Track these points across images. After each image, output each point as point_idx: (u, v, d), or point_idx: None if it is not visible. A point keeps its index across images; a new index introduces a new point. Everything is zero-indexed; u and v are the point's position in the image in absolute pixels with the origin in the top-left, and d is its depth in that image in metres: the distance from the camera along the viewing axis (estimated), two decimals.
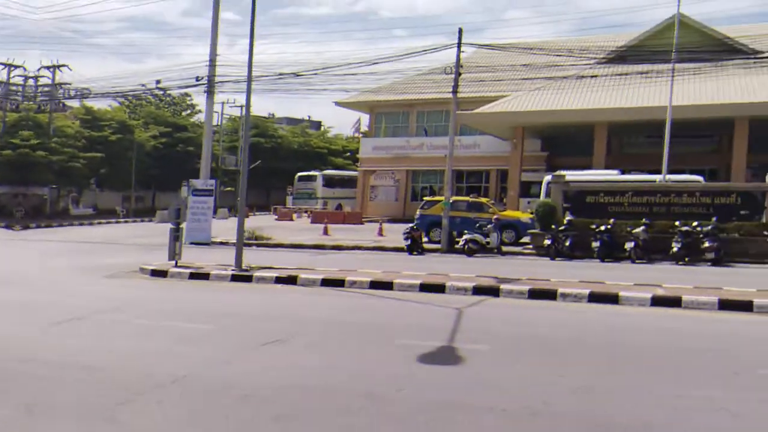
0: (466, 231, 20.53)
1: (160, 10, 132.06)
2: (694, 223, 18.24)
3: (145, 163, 45.68)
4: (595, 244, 18.38)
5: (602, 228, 18.58)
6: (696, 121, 28.23)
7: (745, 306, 10.50)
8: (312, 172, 48.45)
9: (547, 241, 19.01)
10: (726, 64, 27.23)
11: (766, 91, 26.44)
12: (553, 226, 19.66)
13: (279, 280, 13.90)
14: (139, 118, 50.89)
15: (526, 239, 22.02)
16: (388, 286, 12.92)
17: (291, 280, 13.77)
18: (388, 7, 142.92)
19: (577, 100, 29.37)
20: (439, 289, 12.52)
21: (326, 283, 13.43)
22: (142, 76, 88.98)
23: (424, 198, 27.78)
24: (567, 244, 18.88)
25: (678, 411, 5.62)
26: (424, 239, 22.06)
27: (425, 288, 12.65)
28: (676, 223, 18.50)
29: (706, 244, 17.39)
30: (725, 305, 10.59)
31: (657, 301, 11.00)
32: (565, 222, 19.51)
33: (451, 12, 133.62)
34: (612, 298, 11.28)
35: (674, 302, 10.90)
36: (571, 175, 23.34)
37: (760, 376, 6.65)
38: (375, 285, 13.03)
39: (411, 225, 21.43)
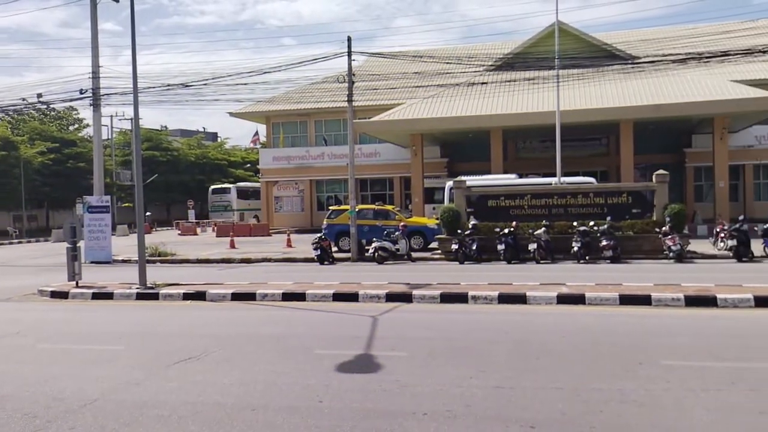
0: (374, 239, 20.62)
1: (35, 21, 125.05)
2: (591, 223, 19.19)
3: (34, 180, 43.30)
4: (500, 247, 18.92)
5: (506, 231, 19.15)
6: (584, 124, 29.76)
7: (644, 300, 11.10)
8: (225, 185, 48.45)
9: (454, 246, 19.38)
10: (606, 69, 28.83)
11: (645, 95, 28.25)
12: (458, 231, 20.08)
13: (187, 297, 13.39)
14: (23, 134, 47.84)
15: (434, 245, 22.36)
16: (300, 297, 12.73)
17: (199, 296, 13.29)
18: (274, 16, 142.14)
19: (471, 107, 30.24)
20: (353, 297, 12.46)
21: (237, 297, 13.06)
22: (22, 90, 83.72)
23: (330, 207, 27.69)
24: (473, 248, 19.32)
25: (590, 404, 5.82)
26: (334, 249, 21.94)
27: (338, 297, 12.55)
28: (574, 223, 19.39)
29: (604, 243, 18.30)
30: (626, 300, 11.16)
31: (562, 299, 11.44)
32: (469, 226, 19.97)
33: (339, 20, 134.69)
34: (520, 298, 11.63)
35: (578, 299, 11.37)
36: (471, 180, 23.96)
37: (663, 366, 7.00)
38: (287, 297, 12.81)
39: (319, 235, 21.27)
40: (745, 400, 5.82)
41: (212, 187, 48.37)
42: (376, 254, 19.96)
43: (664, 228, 18.74)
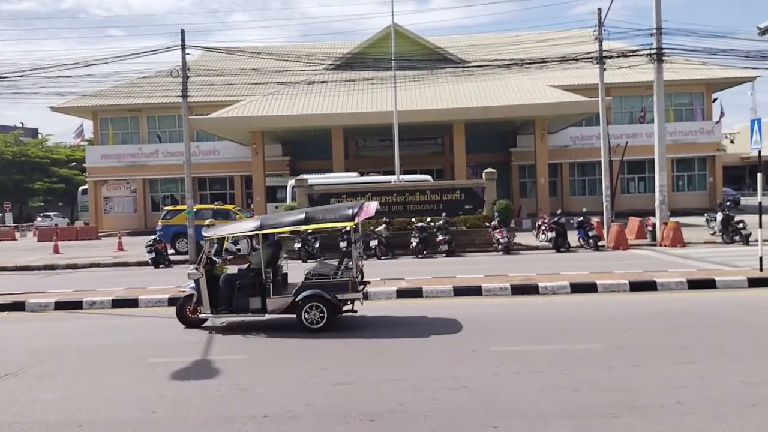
0: None
1: None
2: (428, 219, 20.01)
3: None
4: (343, 245, 19.07)
5: (347, 229, 19.35)
6: (420, 124, 30.96)
7: (476, 291, 11.76)
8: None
9: (296, 245, 19.31)
10: (439, 72, 30.20)
11: (475, 97, 29.95)
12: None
13: (3, 308, 12.13)
14: None
15: None
16: (133, 303, 12.04)
17: (17, 307, 12.13)
18: (100, 6, 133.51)
19: (312, 105, 30.34)
20: None
21: (61, 306, 12.05)
22: None
23: (166, 208, 26.40)
24: (316, 246, 19.37)
25: (426, 393, 6.06)
26: (170, 251, 20.97)
27: (174, 302, 11.96)
28: (413, 219, 20.10)
29: (440, 238, 19.15)
30: (459, 291, 11.77)
31: (402, 293, 11.82)
32: None
33: (172, 13, 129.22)
34: (363, 295, 11.79)
35: (417, 293, 11.81)
36: (313, 178, 24.02)
37: (493, 353, 7.47)
38: (118, 304, 12.06)
39: (154, 237, 20.22)
40: (562, 379, 6.35)
41: (81, 187, 44.28)
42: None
43: (493, 222, 19.98)
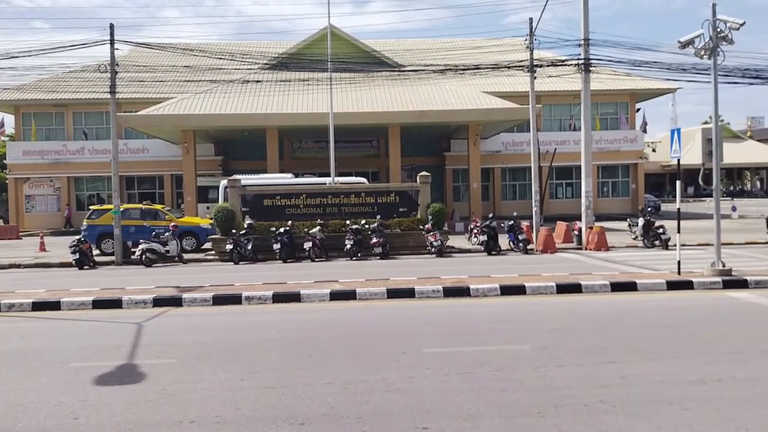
0: (142, 240, 19.42)
1: None
2: (363, 221, 20.06)
3: None
4: (276, 247, 18.94)
5: (281, 230, 19.23)
6: (356, 127, 31.01)
7: (409, 293, 11.86)
8: None
9: (228, 246, 18.98)
10: (375, 75, 30.35)
11: (411, 101, 30.24)
12: (233, 231, 19.73)
13: None
14: None
15: (207, 245, 21.70)
16: (55, 306, 11.55)
17: None
18: None
19: (246, 105, 29.94)
20: (116, 304, 11.62)
21: None
22: None
23: (91, 207, 25.47)
24: (249, 247, 19.11)
25: (358, 395, 6.07)
26: (96, 252, 20.26)
27: (100, 304, 11.62)
28: (347, 222, 20.09)
29: (374, 240, 19.21)
30: (392, 294, 11.83)
31: (335, 296, 11.78)
32: (245, 226, 19.72)
33: (101, 6, 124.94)
34: (295, 297, 11.75)
35: (350, 295, 11.80)
36: (247, 179, 23.69)
37: (424, 354, 7.54)
38: (39, 306, 11.55)
39: (78, 237, 19.49)
40: (491, 379, 6.48)
41: None
42: (144, 257, 18.82)
43: (427, 225, 20.19)
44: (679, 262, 13.11)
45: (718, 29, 12.88)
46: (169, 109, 29.72)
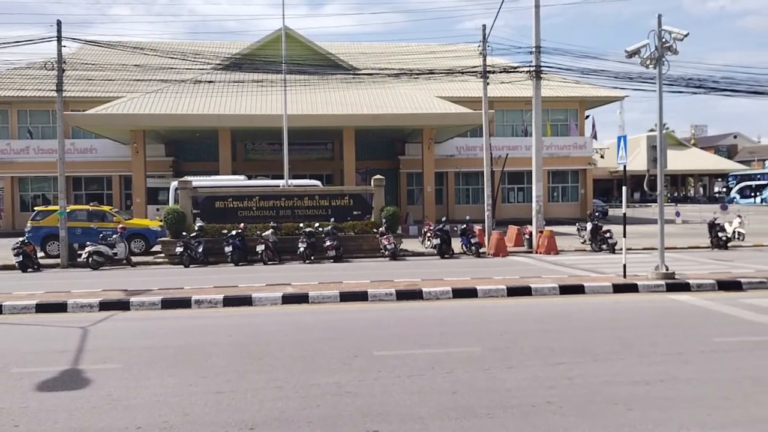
0: (89, 243, 18.93)
1: None
2: (316, 224, 19.98)
3: None
4: (228, 249, 18.69)
5: (233, 233, 18.99)
6: (311, 129, 30.90)
7: (362, 296, 11.86)
8: None
9: (179, 249, 18.65)
10: (330, 77, 30.30)
11: (366, 104, 30.27)
12: (184, 233, 19.41)
13: None
14: None
15: (157, 248, 21.28)
16: None
17: None
18: None
19: (198, 105, 29.50)
20: (60, 308, 11.30)
21: None
22: None
23: (36, 208, 24.69)
24: (200, 250, 18.82)
25: (308, 399, 6.03)
26: (40, 254, 19.65)
27: (43, 308, 11.28)
28: (301, 225, 19.99)
29: (328, 243, 19.14)
30: (345, 297, 11.82)
31: (287, 299, 11.70)
32: (196, 228, 19.42)
33: (48, 2, 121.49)
34: (246, 300, 11.62)
35: (303, 298, 11.74)
36: (198, 180, 23.35)
37: (376, 357, 7.55)
38: None
39: (22, 239, 18.87)
40: (442, 381, 6.53)
41: None
42: (90, 259, 18.35)
43: (381, 228, 20.24)
44: (624, 266, 13.46)
45: (663, 40, 13.29)
46: (118, 109, 29.06)
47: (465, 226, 20.74)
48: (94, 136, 33.69)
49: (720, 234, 21.01)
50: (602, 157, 56.53)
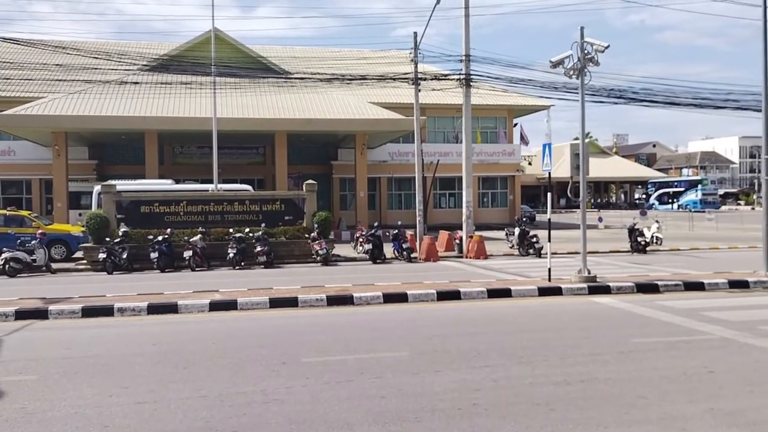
0: (5, 249, 18.04)
1: None
2: (247, 230, 19.68)
3: None
4: (154, 255, 18.19)
5: (160, 238, 18.50)
6: (242, 133, 30.45)
7: (292, 302, 11.76)
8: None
9: (102, 255, 18.01)
10: (261, 81, 29.96)
11: (298, 109, 30.08)
12: (107, 239, 18.78)
13: None
14: None
15: (79, 254, 20.50)
16: None
17: None
18: None
19: (124, 107, 28.60)
20: None
21: None
22: None
23: None
24: (124, 256, 18.24)
25: (234, 408, 5.92)
26: None
27: None
28: (231, 230, 19.65)
29: (258, 249, 18.89)
30: (275, 303, 11.69)
31: (215, 306, 11.47)
32: (120, 234, 18.82)
33: None
34: (172, 308, 11.32)
35: (231, 305, 11.53)
36: (123, 184, 22.67)
37: (304, 364, 7.50)
38: None
39: None
40: (371, 386, 6.54)
41: None
42: (7, 266, 17.50)
43: (313, 234, 20.13)
44: (549, 270, 13.86)
45: (586, 51, 13.79)
46: (38, 109, 27.83)
47: (397, 231, 20.89)
48: (13, 137, 32.19)
49: (639, 239, 21.93)
50: (530, 164, 58.07)
